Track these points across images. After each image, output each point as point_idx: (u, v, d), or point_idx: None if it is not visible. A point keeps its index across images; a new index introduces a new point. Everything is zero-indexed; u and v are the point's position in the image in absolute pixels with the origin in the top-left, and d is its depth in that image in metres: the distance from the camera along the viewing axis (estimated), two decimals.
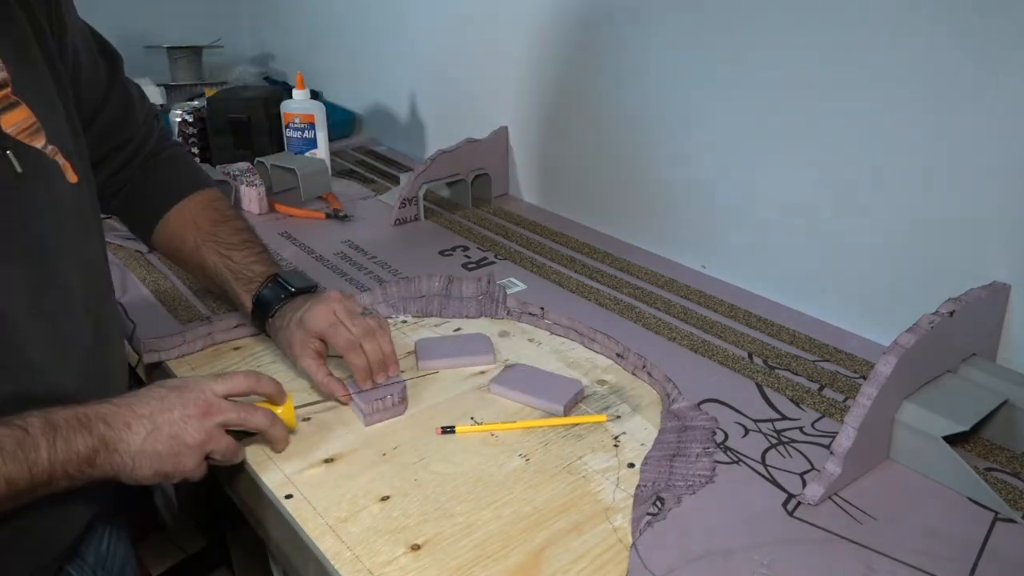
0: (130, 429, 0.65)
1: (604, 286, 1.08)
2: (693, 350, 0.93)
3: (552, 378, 0.88)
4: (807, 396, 0.85)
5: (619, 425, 0.82)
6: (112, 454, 0.64)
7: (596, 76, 1.20)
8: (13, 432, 0.60)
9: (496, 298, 1.04)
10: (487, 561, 0.64)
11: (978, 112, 0.81)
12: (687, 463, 0.75)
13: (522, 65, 1.32)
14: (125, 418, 0.65)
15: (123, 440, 0.65)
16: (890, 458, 0.75)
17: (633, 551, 0.64)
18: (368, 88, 1.77)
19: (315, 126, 1.46)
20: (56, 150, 0.69)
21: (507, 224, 1.29)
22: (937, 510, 0.70)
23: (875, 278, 0.94)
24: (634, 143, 1.18)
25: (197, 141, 1.49)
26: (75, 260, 0.71)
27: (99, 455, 0.63)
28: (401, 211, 1.30)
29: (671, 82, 1.10)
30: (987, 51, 0.79)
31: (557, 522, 0.68)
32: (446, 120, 1.56)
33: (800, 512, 0.69)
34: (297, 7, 1.91)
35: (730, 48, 1.02)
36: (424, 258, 1.17)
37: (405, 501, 0.71)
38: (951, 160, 0.84)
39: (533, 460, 0.76)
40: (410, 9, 1.55)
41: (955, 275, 0.85)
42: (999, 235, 0.83)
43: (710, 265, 1.12)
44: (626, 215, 1.23)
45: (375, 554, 0.65)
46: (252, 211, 1.35)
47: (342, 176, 1.53)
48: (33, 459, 0.60)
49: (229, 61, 1.99)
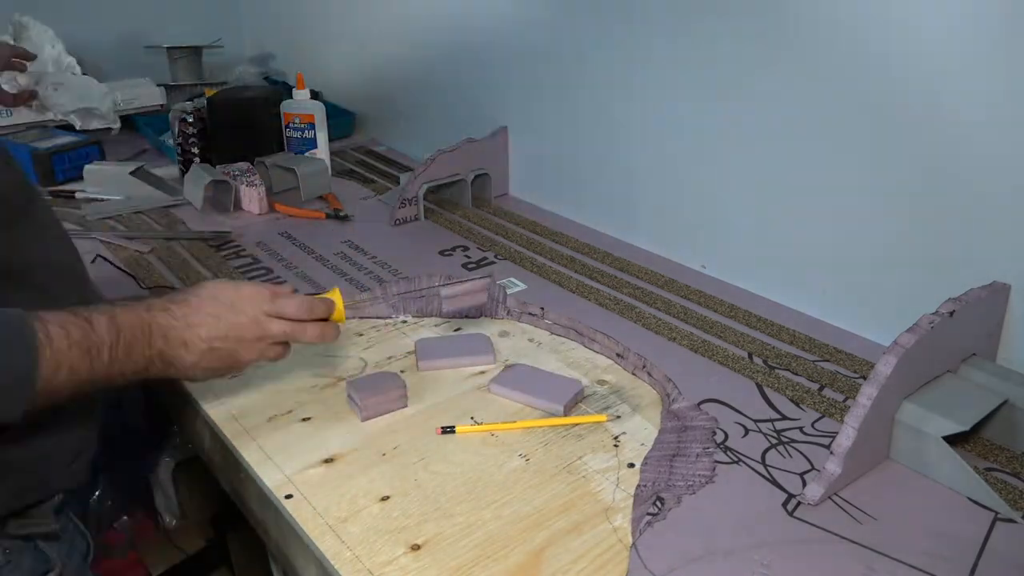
0: (186, 348, 0.69)
1: (604, 286, 1.08)
2: (693, 350, 0.93)
3: (552, 378, 0.88)
4: (807, 396, 0.85)
5: (619, 425, 0.82)
6: (167, 367, 0.69)
7: (596, 76, 1.20)
8: (80, 324, 0.62)
9: (496, 298, 1.04)
10: (487, 561, 0.64)
11: (978, 112, 0.81)
12: (687, 463, 0.75)
13: (522, 65, 1.32)
14: (183, 336, 0.69)
15: (179, 357, 0.69)
16: (890, 458, 0.75)
17: (633, 551, 0.64)
18: (368, 88, 1.77)
19: (315, 126, 1.46)
20: None
21: (507, 224, 1.29)
22: (937, 510, 0.70)
23: (875, 278, 0.94)
24: (634, 143, 1.18)
25: (197, 141, 1.49)
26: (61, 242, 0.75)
27: (154, 364, 0.68)
28: (401, 211, 1.30)
29: (671, 82, 1.10)
30: (988, 51, 0.79)
31: (557, 522, 0.68)
32: (446, 120, 1.56)
33: (800, 512, 0.69)
34: (297, 7, 1.91)
35: (730, 49, 1.02)
36: (424, 258, 1.17)
37: (405, 501, 0.71)
38: (951, 160, 0.84)
39: (533, 460, 0.76)
40: (410, 9, 1.55)
41: (955, 275, 0.85)
42: (999, 235, 0.83)
43: (710, 265, 1.12)
44: (626, 215, 1.23)
45: (375, 554, 0.65)
46: (252, 211, 1.35)
47: (342, 176, 1.53)
48: (95, 355, 0.62)
49: (229, 61, 1.99)
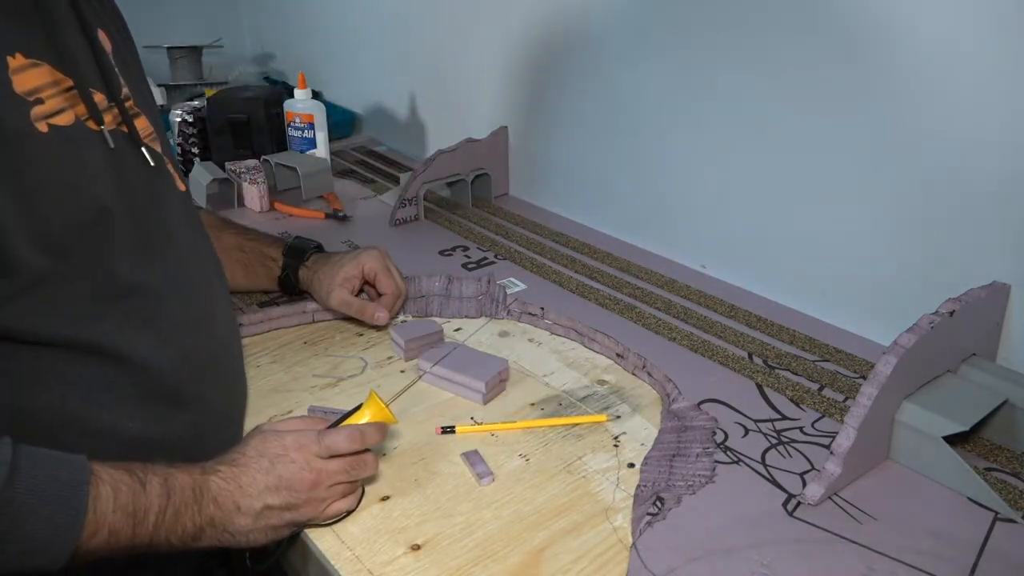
0: (239, 511, 0.65)
1: (604, 286, 1.08)
2: (693, 350, 0.93)
3: (482, 358, 0.89)
4: (807, 396, 0.85)
5: (619, 425, 0.82)
6: (221, 533, 0.65)
7: (596, 76, 1.20)
8: (132, 484, 0.60)
9: (496, 298, 1.04)
10: (487, 561, 0.64)
11: (977, 112, 0.81)
12: (687, 463, 0.75)
13: (522, 65, 1.32)
14: (235, 499, 0.64)
15: (232, 523, 0.65)
16: (890, 458, 0.75)
17: (633, 551, 0.64)
18: (368, 88, 1.77)
19: (315, 126, 1.46)
20: (168, 160, 0.77)
21: (507, 224, 1.29)
22: (937, 510, 0.70)
23: (875, 278, 0.94)
24: (634, 143, 1.18)
25: (197, 141, 1.49)
26: (194, 258, 0.77)
27: (205, 533, 0.64)
28: (401, 211, 1.30)
29: (671, 83, 1.10)
30: (987, 50, 0.79)
31: (557, 522, 0.69)
32: (446, 120, 1.56)
33: (800, 512, 0.69)
34: (297, 7, 1.91)
35: (730, 50, 1.02)
36: (424, 258, 1.17)
37: (405, 501, 0.71)
38: (951, 160, 0.84)
39: (533, 460, 0.76)
40: (410, 9, 1.55)
41: (955, 275, 0.85)
42: (999, 235, 0.83)
43: (710, 265, 1.12)
44: (626, 215, 1.23)
45: (375, 554, 0.65)
46: (252, 208, 1.35)
47: (342, 176, 1.53)
48: (140, 518, 0.60)
49: (229, 61, 1.99)
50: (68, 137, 0.64)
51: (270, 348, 0.95)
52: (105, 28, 0.75)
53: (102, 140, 0.66)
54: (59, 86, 0.65)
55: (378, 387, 0.84)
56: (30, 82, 0.62)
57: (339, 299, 0.95)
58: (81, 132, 0.65)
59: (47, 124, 0.63)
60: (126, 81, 0.74)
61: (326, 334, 0.98)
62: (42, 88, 0.63)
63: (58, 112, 0.64)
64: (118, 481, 0.60)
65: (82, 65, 0.68)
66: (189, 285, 0.74)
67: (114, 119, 0.70)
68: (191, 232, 0.78)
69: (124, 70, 0.75)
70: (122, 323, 0.67)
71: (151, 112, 0.77)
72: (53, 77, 0.65)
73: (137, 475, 0.61)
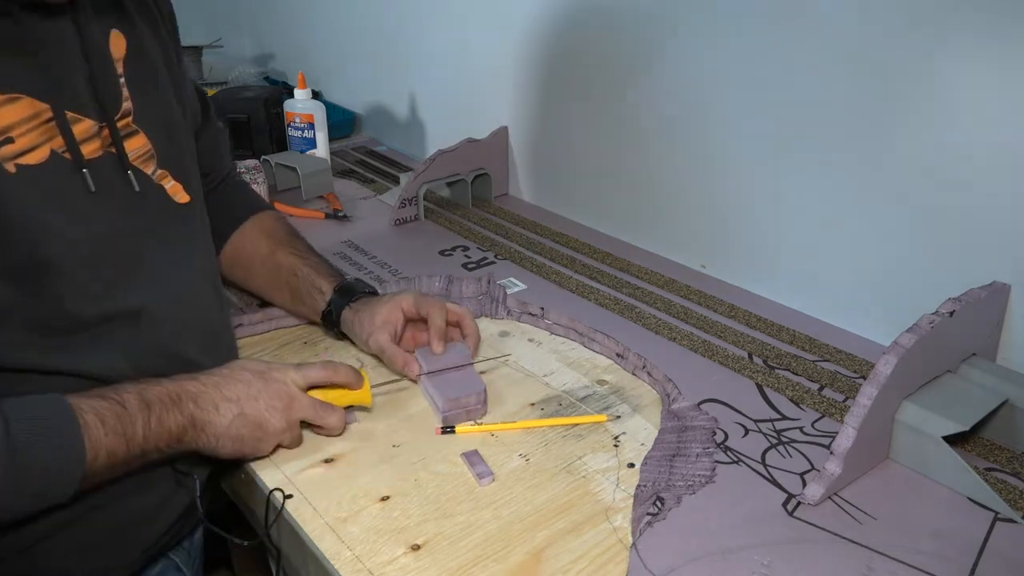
0: (218, 411, 0.69)
1: (604, 286, 1.08)
2: (693, 350, 0.93)
3: (465, 378, 0.83)
4: (807, 396, 0.85)
5: (619, 425, 0.82)
6: (199, 433, 0.69)
7: (596, 76, 1.20)
8: (113, 407, 0.64)
9: (496, 298, 1.04)
10: (487, 561, 0.64)
11: (978, 112, 0.81)
12: (687, 463, 0.75)
13: (522, 65, 1.32)
14: (214, 399, 0.70)
15: (211, 422, 0.69)
16: (890, 458, 0.76)
17: (633, 551, 0.64)
18: (368, 88, 1.77)
19: (315, 126, 1.46)
20: (165, 173, 0.76)
21: (507, 224, 1.29)
22: (937, 510, 0.70)
23: (875, 278, 0.94)
24: (634, 143, 1.18)
25: None
26: (179, 278, 0.75)
27: (187, 433, 0.68)
28: (401, 211, 1.30)
29: (670, 83, 1.10)
30: (987, 50, 0.79)
31: (557, 522, 0.69)
32: (446, 120, 1.56)
33: (800, 512, 0.69)
34: (297, 7, 1.91)
35: (731, 49, 1.02)
36: (424, 258, 1.17)
37: (405, 501, 0.71)
38: (951, 160, 0.84)
39: (533, 460, 0.76)
40: (410, 9, 1.55)
41: (955, 275, 0.85)
42: (999, 235, 0.83)
43: (710, 265, 1.12)
44: (626, 215, 1.23)
45: (375, 554, 0.65)
46: None
47: (342, 176, 1.53)
48: (131, 433, 0.64)
49: (229, 61, 1.99)
50: (36, 177, 0.64)
51: (270, 348, 0.95)
52: (123, 27, 0.74)
53: (78, 172, 0.67)
54: (38, 119, 0.64)
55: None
56: (2, 120, 0.62)
57: (376, 343, 0.87)
58: (56, 167, 0.65)
59: (15, 164, 0.63)
60: (133, 93, 0.73)
61: (326, 334, 0.98)
62: (15, 125, 0.63)
63: (30, 150, 0.64)
64: (98, 408, 0.63)
65: (70, 90, 0.67)
66: (174, 305, 0.74)
67: (103, 143, 0.69)
68: (184, 247, 0.77)
69: (137, 75, 0.74)
70: (92, 350, 0.67)
71: (157, 126, 0.75)
72: (33, 110, 0.64)
73: (112, 397, 0.64)
